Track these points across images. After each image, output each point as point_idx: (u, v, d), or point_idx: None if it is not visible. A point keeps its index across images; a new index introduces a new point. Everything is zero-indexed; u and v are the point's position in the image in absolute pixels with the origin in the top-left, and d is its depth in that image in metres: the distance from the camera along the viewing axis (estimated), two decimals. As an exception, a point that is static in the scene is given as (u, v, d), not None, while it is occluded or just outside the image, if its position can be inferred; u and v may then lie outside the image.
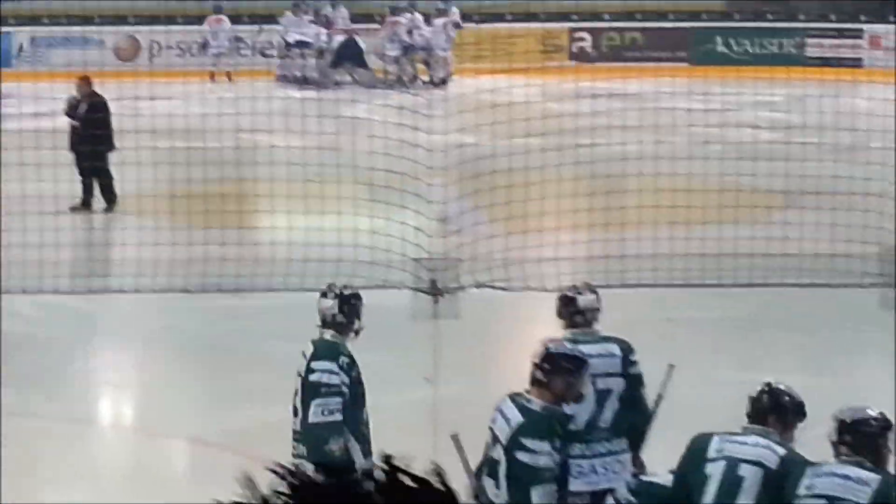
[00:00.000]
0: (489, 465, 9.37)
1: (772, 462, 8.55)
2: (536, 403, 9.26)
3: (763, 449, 8.61)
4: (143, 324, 18.61)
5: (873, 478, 8.21)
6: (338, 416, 10.09)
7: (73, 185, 22.65)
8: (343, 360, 10.15)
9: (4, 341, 15.12)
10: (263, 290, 17.07)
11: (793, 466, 8.61)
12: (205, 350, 17.35)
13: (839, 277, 13.94)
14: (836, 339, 14.18)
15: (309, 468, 4.47)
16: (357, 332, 10.53)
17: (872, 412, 8.60)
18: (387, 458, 1.81)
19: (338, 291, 10.63)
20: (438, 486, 1.78)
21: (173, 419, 15.68)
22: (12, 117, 26.41)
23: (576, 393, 9.58)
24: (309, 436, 10.19)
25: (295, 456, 10.14)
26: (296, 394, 10.30)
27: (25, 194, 20.37)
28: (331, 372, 10.17)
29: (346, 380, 10.13)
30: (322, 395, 10.10)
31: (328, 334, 10.33)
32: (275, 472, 1.82)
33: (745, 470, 8.53)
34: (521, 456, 9.10)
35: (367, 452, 10.14)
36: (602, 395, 10.22)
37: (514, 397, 9.35)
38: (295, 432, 10.34)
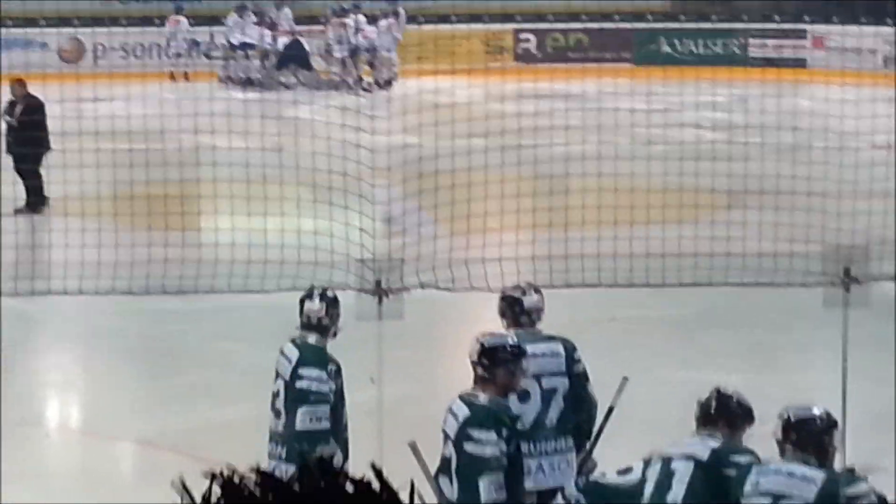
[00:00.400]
0: (442, 464, 9.56)
1: (703, 454, 8.76)
2: (483, 397, 9.48)
3: (697, 445, 8.88)
4: (87, 325, 18.99)
5: (819, 475, 8.36)
6: (326, 424, 10.30)
7: (15, 187, 23.15)
8: (331, 367, 10.39)
9: None
10: (207, 292, 16.54)
11: (727, 456, 8.82)
12: (149, 351, 17.70)
13: (783, 276, 14.06)
14: (780, 338, 14.55)
15: (285, 470, 4.66)
16: (335, 335, 10.78)
17: (817, 410, 8.74)
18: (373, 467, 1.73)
19: (322, 293, 10.84)
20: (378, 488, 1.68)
21: (118, 421, 15.86)
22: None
23: (519, 381, 9.83)
24: (294, 442, 10.32)
25: (271, 456, 10.40)
26: (276, 395, 10.49)
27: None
28: (320, 381, 10.40)
29: (334, 387, 10.38)
30: (310, 403, 10.30)
31: (312, 338, 10.55)
32: (258, 472, 1.77)
33: (676, 464, 8.76)
34: (469, 447, 9.31)
35: (345, 457, 10.27)
36: (547, 394, 10.40)
37: (462, 396, 9.55)
38: (275, 434, 10.51)
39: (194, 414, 14.18)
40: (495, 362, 9.71)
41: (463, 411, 9.51)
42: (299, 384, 10.35)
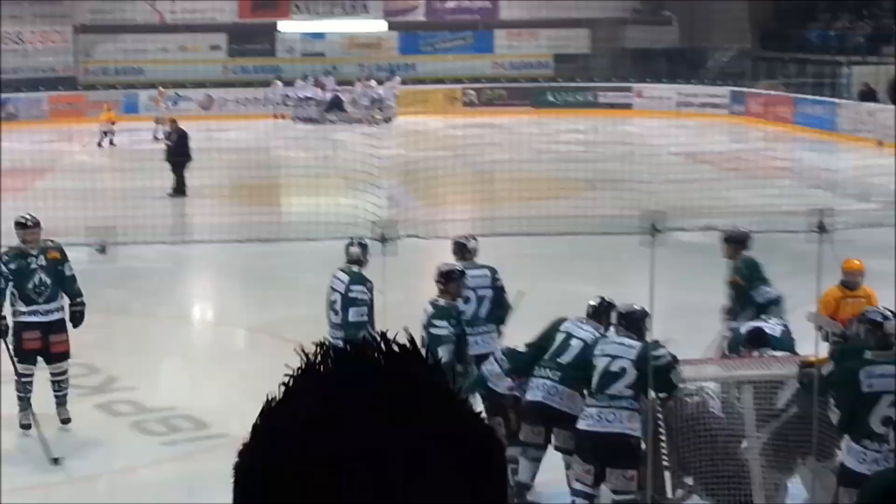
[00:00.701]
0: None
1: (588, 337, 9.08)
2: (441, 301, 10.02)
3: (588, 330, 9.17)
4: (216, 261, 19.43)
5: (637, 344, 8.67)
6: (366, 318, 10.60)
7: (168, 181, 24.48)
8: (369, 284, 10.73)
9: (135, 273, 15.77)
10: (287, 240, 17.95)
11: (598, 338, 9.02)
12: (254, 275, 17.80)
13: (618, 227, 14.61)
14: (616, 265, 14.39)
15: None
16: (366, 265, 11.01)
17: (637, 306, 9.08)
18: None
19: (360, 241, 11.17)
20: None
21: (237, 315, 16.26)
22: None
23: (462, 291, 10.33)
24: (348, 329, 10.54)
25: (332, 338, 9.79)
26: (334, 302, 10.82)
27: (145, 186, 21.90)
28: (363, 292, 10.67)
29: (371, 297, 10.66)
30: (358, 305, 10.63)
31: (355, 267, 10.86)
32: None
33: (573, 341, 9.10)
34: (433, 330, 9.72)
35: None
36: (480, 299, 10.77)
37: (430, 300, 10.14)
38: (335, 324, 10.80)
39: (281, 311, 14.50)
40: (448, 280, 10.16)
41: (429, 310, 9.98)
42: (351, 294, 10.68)
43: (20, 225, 11.05)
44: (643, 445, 8.45)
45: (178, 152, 24.68)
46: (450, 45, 47.67)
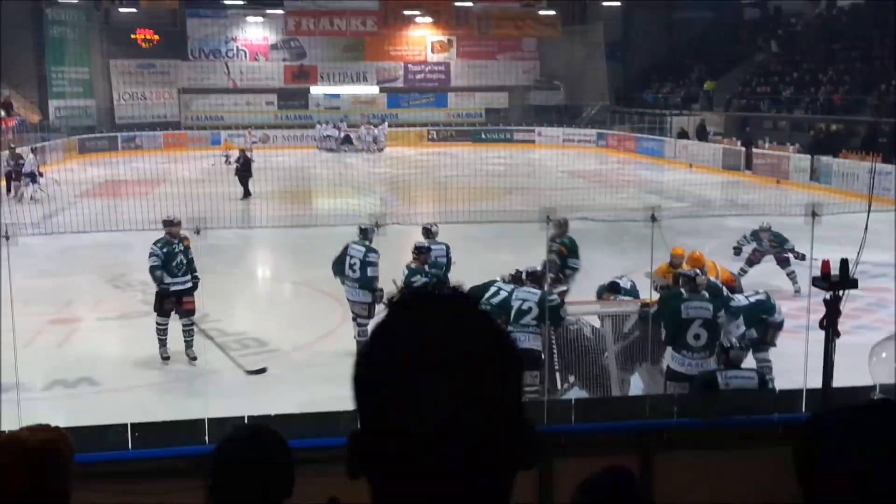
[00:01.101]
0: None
1: (535, 297, 8.67)
2: (414, 265, 10.12)
3: (533, 293, 8.71)
4: (271, 240, 18.88)
5: (538, 292, 8.67)
6: (378, 275, 10.38)
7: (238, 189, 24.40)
8: (377, 253, 10.41)
9: (219, 248, 14.93)
10: (313, 226, 17.21)
11: (541, 295, 8.72)
12: (294, 249, 17.63)
13: (524, 218, 13.65)
14: (524, 242, 12.67)
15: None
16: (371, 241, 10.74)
17: (539, 266, 9.15)
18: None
19: (368, 227, 10.61)
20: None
21: (286, 273, 16.12)
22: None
23: (429, 260, 10.32)
24: (366, 284, 10.41)
25: (352, 293, 10.58)
26: (353, 265, 10.49)
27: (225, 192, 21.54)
28: (376, 258, 10.42)
29: (379, 260, 10.42)
30: (373, 266, 10.35)
31: (366, 242, 10.49)
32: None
33: (527, 303, 8.64)
34: (412, 283, 9.76)
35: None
36: (438, 265, 10.71)
37: (408, 264, 10.23)
38: (353, 280, 10.54)
39: (314, 272, 13.27)
40: (420, 253, 10.25)
41: (406, 270, 10.12)
42: (369, 259, 10.43)
43: (168, 223, 10.90)
44: (543, 356, 8.42)
45: (244, 170, 24.53)
46: (419, 102, 47.78)
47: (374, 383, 1.00)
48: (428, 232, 11.24)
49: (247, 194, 24.15)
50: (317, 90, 47.01)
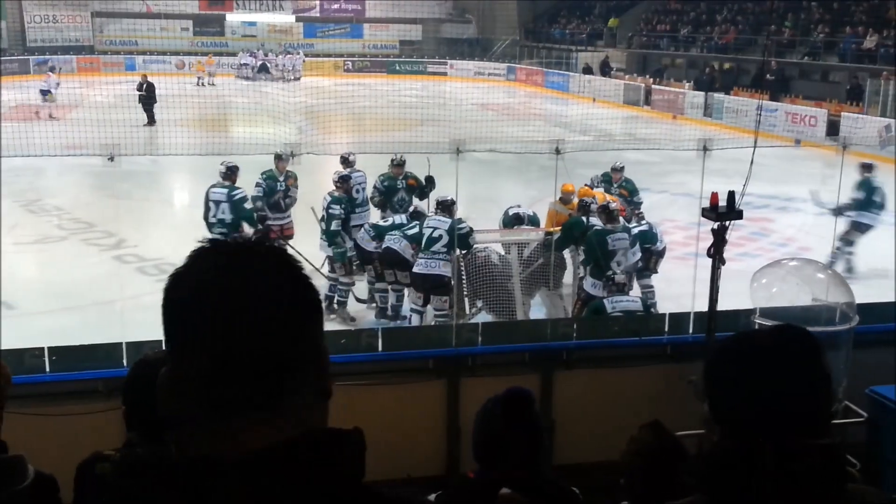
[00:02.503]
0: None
1: (445, 226, 8.58)
2: (337, 193, 9.69)
3: (445, 221, 8.65)
4: (187, 168, 17.45)
5: (448, 220, 8.56)
6: (339, 228, 9.65)
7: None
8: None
9: (135, 174, 14.25)
10: (235, 154, 14.36)
11: (455, 225, 8.55)
12: (211, 175, 15.39)
13: (436, 150, 13.17)
14: (435, 173, 13.20)
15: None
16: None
17: (448, 198, 8.78)
18: None
19: (229, 167, 10.13)
20: None
21: (198, 198, 14.53)
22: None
23: (350, 188, 9.98)
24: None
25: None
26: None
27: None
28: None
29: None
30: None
31: (336, 192, 9.79)
32: None
33: (438, 231, 8.59)
34: (330, 211, 9.54)
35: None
36: (359, 190, 10.47)
37: (330, 192, 9.79)
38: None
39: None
40: (343, 182, 9.86)
41: (328, 198, 9.66)
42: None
43: (278, 157, 10.53)
44: (453, 282, 8.48)
45: (149, 97, 23.64)
46: (335, 33, 46.72)
47: (168, 319, 1.09)
48: (346, 160, 10.96)
49: (151, 121, 23.29)
50: (233, 17, 45.55)
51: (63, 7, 41.99)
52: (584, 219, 8.88)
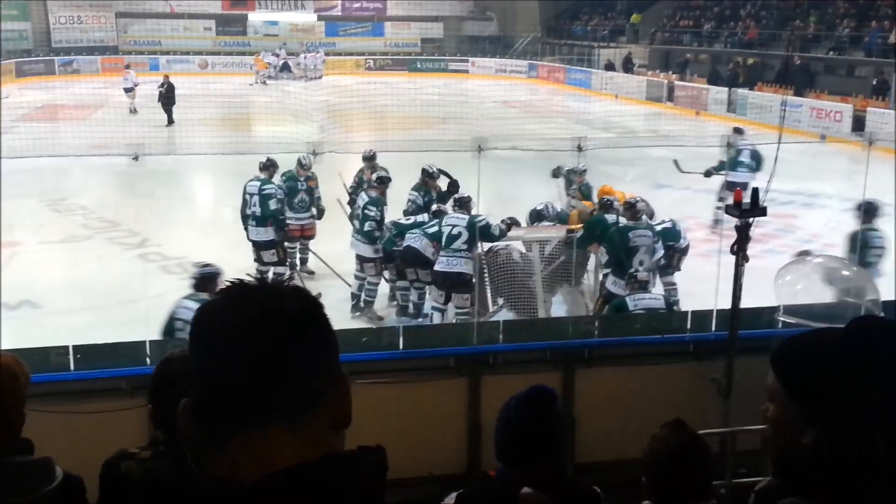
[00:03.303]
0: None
1: (464, 223, 8.56)
2: (373, 193, 9.57)
3: (462, 218, 8.64)
4: (211, 167, 17.43)
5: (467, 217, 8.62)
6: (373, 228, 9.45)
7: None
8: (380, 207, 9.50)
9: (159, 173, 14.30)
10: (258, 153, 14.91)
11: (474, 220, 8.56)
12: (234, 174, 16.80)
13: (458, 147, 12.79)
14: (458, 170, 13.02)
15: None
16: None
17: (466, 195, 8.99)
18: None
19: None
20: None
21: (222, 198, 14.85)
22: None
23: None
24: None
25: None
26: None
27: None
28: (273, 188, 9.86)
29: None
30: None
31: (373, 193, 9.64)
32: None
33: (457, 228, 8.56)
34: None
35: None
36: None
37: (367, 192, 9.72)
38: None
39: None
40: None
41: (365, 198, 9.53)
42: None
43: (299, 163, 10.55)
44: (474, 280, 8.46)
45: (168, 96, 23.43)
46: (356, 31, 46.76)
47: (196, 348, 1.15)
48: (368, 158, 10.86)
49: (170, 121, 23.19)
50: (255, 17, 45.65)
51: (87, 8, 42.31)
52: (605, 216, 8.76)
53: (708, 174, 12.50)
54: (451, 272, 8.50)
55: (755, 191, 5.76)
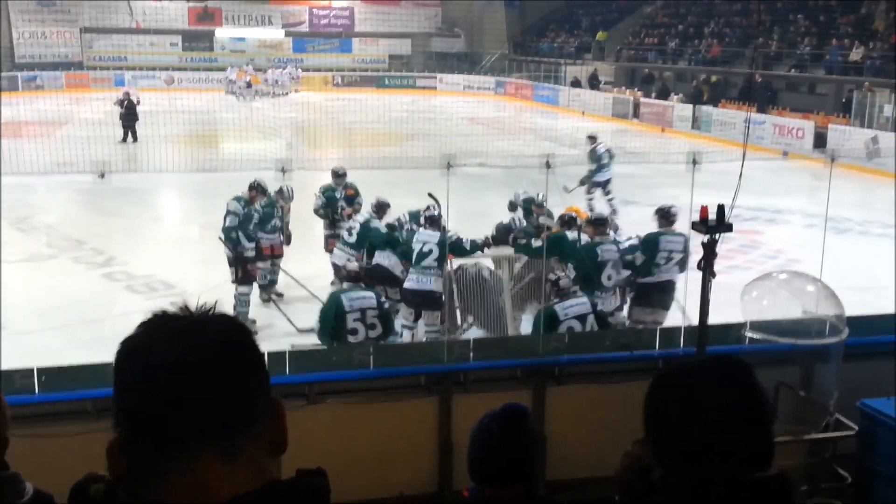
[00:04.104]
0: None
1: (435, 240, 8.55)
2: (374, 223, 9.52)
3: (432, 235, 8.67)
4: (179, 184, 17.58)
5: (437, 234, 8.45)
6: (234, 224, 9.68)
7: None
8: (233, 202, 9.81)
9: (125, 191, 14.40)
10: (225, 170, 15.94)
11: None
12: (201, 191, 16.92)
13: (426, 164, 12.30)
14: (427, 187, 13.35)
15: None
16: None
17: (436, 212, 8.78)
18: None
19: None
20: None
21: (189, 216, 15.24)
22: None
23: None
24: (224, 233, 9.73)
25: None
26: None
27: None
28: (231, 204, 9.83)
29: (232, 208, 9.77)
30: (228, 214, 9.60)
31: (373, 221, 9.66)
32: None
33: (424, 236, 8.66)
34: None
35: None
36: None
37: (371, 219, 9.60)
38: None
39: (220, 215, 11.97)
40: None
41: (359, 220, 9.54)
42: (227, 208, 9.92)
43: (281, 193, 10.45)
44: (444, 298, 8.44)
45: (130, 114, 23.10)
46: (324, 47, 46.94)
47: (120, 383, 1.13)
48: (337, 174, 10.93)
49: (132, 138, 22.89)
50: (222, 33, 45.57)
51: (51, 23, 41.95)
52: (567, 233, 8.75)
53: (582, 184, 14.23)
54: (422, 290, 8.48)
55: (721, 207, 5.84)
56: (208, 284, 10.73)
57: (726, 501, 1.44)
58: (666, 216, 8.97)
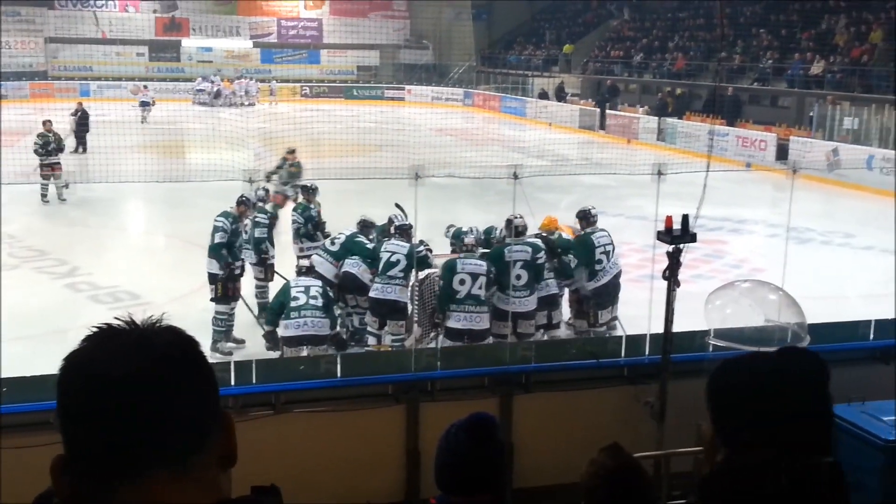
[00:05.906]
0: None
1: (404, 253, 8.62)
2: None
3: (402, 246, 8.64)
4: (145, 194, 17.08)
5: (406, 245, 8.47)
6: (223, 240, 9.30)
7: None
8: (222, 218, 9.43)
9: (90, 201, 14.34)
10: (191, 181, 15.17)
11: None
12: (167, 202, 16.65)
13: (394, 174, 13.56)
14: (396, 198, 13.85)
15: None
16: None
17: (406, 222, 8.90)
18: None
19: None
20: None
21: (155, 226, 15.16)
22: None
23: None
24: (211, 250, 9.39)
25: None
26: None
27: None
28: (219, 221, 9.42)
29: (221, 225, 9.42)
30: (216, 230, 9.28)
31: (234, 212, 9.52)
32: None
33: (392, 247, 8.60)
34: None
35: None
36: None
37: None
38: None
39: (186, 225, 13.05)
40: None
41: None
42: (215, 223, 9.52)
43: (305, 189, 10.52)
44: (409, 307, 8.44)
45: (82, 124, 22.87)
46: (292, 58, 46.85)
47: (63, 400, 1.09)
48: (307, 189, 10.76)
49: (82, 149, 22.56)
50: (189, 43, 45.28)
51: (15, 33, 41.36)
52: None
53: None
54: (386, 299, 8.45)
55: (685, 217, 5.91)
56: (174, 294, 10.72)
57: (788, 485, 1.53)
58: (587, 217, 9.37)
